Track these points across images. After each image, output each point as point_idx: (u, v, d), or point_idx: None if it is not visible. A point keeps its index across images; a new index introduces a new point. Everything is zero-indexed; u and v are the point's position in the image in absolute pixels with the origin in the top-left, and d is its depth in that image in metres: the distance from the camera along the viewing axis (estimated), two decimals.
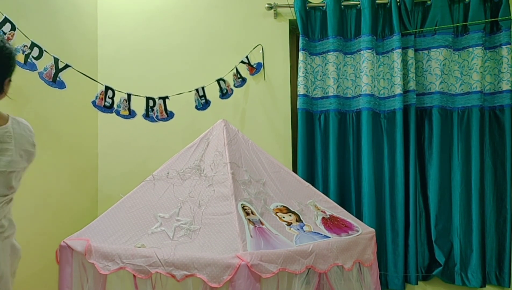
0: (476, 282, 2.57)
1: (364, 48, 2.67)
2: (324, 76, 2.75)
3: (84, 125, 2.77)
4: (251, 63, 2.76)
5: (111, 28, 2.92)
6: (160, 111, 2.52)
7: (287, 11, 2.81)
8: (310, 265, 1.59)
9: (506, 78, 2.58)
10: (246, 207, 1.67)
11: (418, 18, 2.70)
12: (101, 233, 1.71)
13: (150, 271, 1.50)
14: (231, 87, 2.70)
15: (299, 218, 1.82)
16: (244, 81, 2.76)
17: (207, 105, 2.64)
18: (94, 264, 1.59)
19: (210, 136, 1.95)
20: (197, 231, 1.58)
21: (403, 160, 2.61)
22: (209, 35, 2.90)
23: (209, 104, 2.63)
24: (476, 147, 2.58)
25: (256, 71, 2.78)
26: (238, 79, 2.73)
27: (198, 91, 2.60)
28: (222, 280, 1.41)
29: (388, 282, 2.62)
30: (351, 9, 2.75)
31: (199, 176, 1.79)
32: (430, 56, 2.67)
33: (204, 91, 2.61)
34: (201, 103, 2.62)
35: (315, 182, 2.67)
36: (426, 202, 2.69)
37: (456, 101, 2.66)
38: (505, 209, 2.60)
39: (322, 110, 2.74)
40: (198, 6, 2.92)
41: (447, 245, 2.64)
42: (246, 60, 2.74)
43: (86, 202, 2.70)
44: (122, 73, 2.88)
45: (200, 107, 2.62)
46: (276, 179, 1.96)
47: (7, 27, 1.82)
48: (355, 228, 1.94)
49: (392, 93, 2.66)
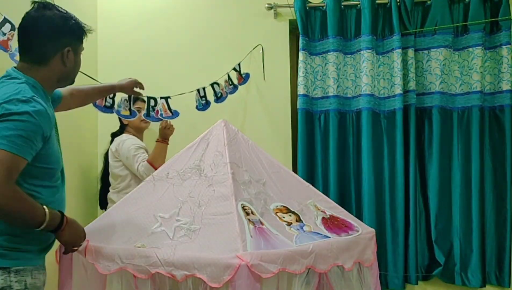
0: (476, 282, 2.57)
1: (364, 48, 2.67)
2: (324, 76, 2.75)
3: (84, 125, 2.77)
4: (242, 72, 2.74)
5: (111, 29, 2.92)
6: (164, 110, 2.53)
7: (287, 11, 2.81)
8: (310, 265, 1.59)
9: (506, 78, 2.59)
10: (246, 207, 1.67)
11: (418, 18, 2.70)
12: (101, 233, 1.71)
13: (150, 271, 1.50)
14: (226, 90, 2.70)
15: (299, 218, 1.82)
16: (236, 88, 2.74)
17: (207, 105, 2.63)
18: (94, 264, 1.59)
19: (210, 136, 1.94)
20: (197, 231, 1.58)
21: (403, 160, 2.61)
22: (209, 35, 2.90)
23: (209, 105, 2.63)
24: (476, 147, 2.58)
25: (243, 81, 2.77)
26: (229, 85, 2.72)
27: (199, 91, 2.60)
28: (222, 280, 1.41)
29: (388, 282, 2.62)
30: (351, 9, 2.75)
31: (199, 176, 1.79)
32: (430, 56, 2.67)
33: (205, 91, 2.61)
34: (202, 104, 2.62)
35: (315, 182, 2.67)
36: (426, 202, 2.69)
37: (456, 101, 2.66)
38: (505, 209, 2.60)
39: (322, 110, 2.74)
40: (198, 6, 2.92)
41: (447, 245, 2.64)
42: (238, 67, 2.73)
43: (86, 202, 2.70)
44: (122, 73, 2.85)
45: (200, 107, 2.62)
46: (276, 179, 1.96)
47: (7, 27, 1.81)
48: (355, 228, 1.94)
49: (392, 93, 2.66)
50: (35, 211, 1.29)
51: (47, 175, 1.39)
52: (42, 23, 1.37)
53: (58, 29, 1.39)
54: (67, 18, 1.42)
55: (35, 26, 1.38)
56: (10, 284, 1.29)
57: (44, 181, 1.39)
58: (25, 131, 1.23)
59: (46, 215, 1.30)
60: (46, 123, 1.30)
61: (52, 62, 1.41)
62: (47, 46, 1.39)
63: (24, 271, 1.33)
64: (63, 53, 1.41)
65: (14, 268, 1.31)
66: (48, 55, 1.40)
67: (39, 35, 1.38)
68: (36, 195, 1.34)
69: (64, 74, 1.46)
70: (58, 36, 1.40)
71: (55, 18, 1.39)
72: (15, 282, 1.30)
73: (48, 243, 1.43)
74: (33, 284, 1.37)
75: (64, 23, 1.40)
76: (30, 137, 1.25)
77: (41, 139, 1.30)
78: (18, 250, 1.33)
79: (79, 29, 1.46)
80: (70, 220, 1.42)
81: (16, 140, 1.22)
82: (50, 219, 1.31)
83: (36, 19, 1.38)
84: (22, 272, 1.32)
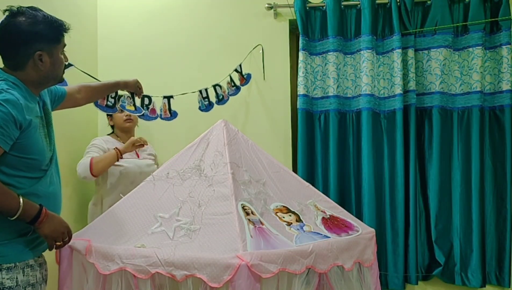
0: (476, 282, 2.57)
1: (364, 48, 2.67)
2: (324, 76, 2.75)
3: (84, 125, 2.77)
4: (243, 72, 2.74)
5: (111, 28, 2.92)
6: (164, 110, 2.52)
7: (287, 11, 2.81)
8: (310, 265, 1.59)
9: (506, 78, 2.59)
10: (246, 207, 1.67)
11: (418, 18, 2.70)
12: (101, 233, 1.71)
13: (150, 271, 1.50)
14: (227, 93, 2.69)
15: (299, 218, 1.82)
16: (239, 90, 2.74)
17: (211, 106, 2.63)
18: (94, 264, 1.59)
19: (210, 136, 1.94)
20: (197, 231, 1.58)
21: (403, 160, 2.61)
22: (208, 35, 2.90)
23: (213, 106, 2.63)
24: (476, 147, 2.58)
25: (245, 82, 2.76)
26: (232, 87, 2.71)
27: (202, 92, 2.60)
28: (222, 280, 1.41)
29: (388, 282, 2.62)
30: (351, 9, 2.75)
31: (199, 176, 1.79)
32: (430, 56, 2.67)
33: (207, 92, 2.61)
34: (205, 105, 2.62)
35: (315, 182, 2.67)
36: (426, 202, 2.69)
37: (456, 101, 2.66)
38: (505, 209, 2.60)
39: (322, 110, 2.74)
40: (198, 6, 2.92)
41: (447, 245, 2.64)
42: (239, 68, 2.73)
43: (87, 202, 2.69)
44: (122, 73, 2.87)
45: (203, 108, 2.62)
46: (276, 179, 1.96)
47: None
48: (355, 228, 1.94)
49: (392, 93, 2.66)
50: (9, 199, 1.33)
51: (28, 166, 1.41)
52: (10, 32, 1.39)
53: (25, 36, 1.40)
54: (35, 23, 1.41)
55: (5, 34, 1.39)
56: (1, 281, 1.35)
57: (25, 172, 1.41)
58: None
59: (20, 203, 1.34)
60: (18, 111, 1.32)
61: (26, 67, 1.43)
62: (19, 53, 1.41)
63: (15, 268, 1.39)
64: (34, 59, 1.42)
65: (5, 266, 1.37)
66: (21, 62, 1.42)
67: (9, 44, 1.40)
68: (16, 185, 1.37)
69: (42, 78, 1.47)
70: (27, 43, 1.40)
71: (22, 25, 1.39)
72: (7, 279, 1.36)
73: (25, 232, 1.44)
74: (26, 281, 1.41)
75: (31, 29, 1.40)
76: (1, 125, 1.28)
77: (15, 127, 1.32)
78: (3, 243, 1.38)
79: (50, 31, 1.44)
80: (51, 214, 1.44)
81: None
82: (24, 209, 1.35)
83: (5, 27, 1.39)
84: (13, 269, 1.38)
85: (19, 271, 1.40)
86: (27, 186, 1.41)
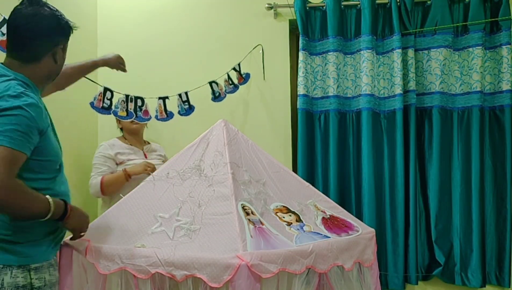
0: (476, 282, 2.57)
1: (364, 48, 2.67)
2: (324, 76, 2.75)
3: (84, 125, 2.77)
4: (242, 72, 2.74)
5: (111, 28, 2.92)
6: (160, 111, 2.52)
7: (287, 11, 2.81)
8: (310, 265, 1.59)
9: (506, 78, 2.59)
10: (246, 207, 1.67)
11: (418, 18, 2.70)
12: (101, 233, 1.71)
13: (150, 271, 1.50)
14: (225, 90, 2.69)
15: (299, 218, 1.82)
16: (236, 88, 2.73)
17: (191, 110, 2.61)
18: (94, 264, 1.59)
19: (210, 136, 1.94)
20: (197, 231, 1.58)
21: (403, 160, 2.61)
22: (208, 35, 2.90)
23: (193, 109, 2.61)
24: (476, 147, 2.58)
25: (244, 81, 2.76)
26: (229, 85, 2.71)
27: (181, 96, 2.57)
28: (222, 280, 1.41)
29: (388, 282, 2.62)
30: (351, 9, 2.75)
31: (199, 176, 1.79)
32: (430, 56, 2.67)
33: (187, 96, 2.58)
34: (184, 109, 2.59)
35: (315, 182, 2.67)
36: (426, 202, 2.69)
37: (456, 101, 2.66)
38: (505, 209, 2.60)
39: (322, 110, 2.74)
40: (198, 6, 2.92)
41: (447, 245, 2.64)
42: (237, 67, 2.73)
43: (86, 202, 2.70)
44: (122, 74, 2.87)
45: (183, 112, 2.60)
46: (276, 179, 1.96)
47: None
48: (355, 228, 1.94)
49: (392, 93, 2.66)
50: (40, 203, 1.32)
51: (45, 168, 1.41)
52: (36, 23, 1.37)
53: (53, 29, 1.40)
54: (59, 17, 1.42)
55: (28, 25, 1.36)
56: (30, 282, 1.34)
57: (43, 174, 1.40)
58: (20, 126, 1.24)
59: (50, 204, 1.33)
60: (40, 115, 1.31)
61: (43, 60, 1.41)
62: (42, 45, 1.39)
63: (42, 268, 1.38)
64: (56, 51, 1.42)
65: (33, 266, 1.36)
66: (41, 54, 1.40)
67: (34, 35, 1.38)
68: (36, 187, 1.35)
69: (54, 71, 1.47)
70: (53, 35, 1.40)
71: (48, 17, 1.39)
72: (35, 279, 1.35)
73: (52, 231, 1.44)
74: (50, 281, 1.42)
75: (57, 22, 1.41)
76: (26, 132, 1.26)
77: (37, 133, 1.31)
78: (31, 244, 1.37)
79: (68, 27, 1.47)
80: (74, 207, 1.46)
81: (13, 134, 1.22)
82: (55, 208, 1.35)
83: (29, 18, 1.36)
84: (40, 269, 1.38)
85: (45, 271, 1.40)
86: (45, 186, 1.40)
